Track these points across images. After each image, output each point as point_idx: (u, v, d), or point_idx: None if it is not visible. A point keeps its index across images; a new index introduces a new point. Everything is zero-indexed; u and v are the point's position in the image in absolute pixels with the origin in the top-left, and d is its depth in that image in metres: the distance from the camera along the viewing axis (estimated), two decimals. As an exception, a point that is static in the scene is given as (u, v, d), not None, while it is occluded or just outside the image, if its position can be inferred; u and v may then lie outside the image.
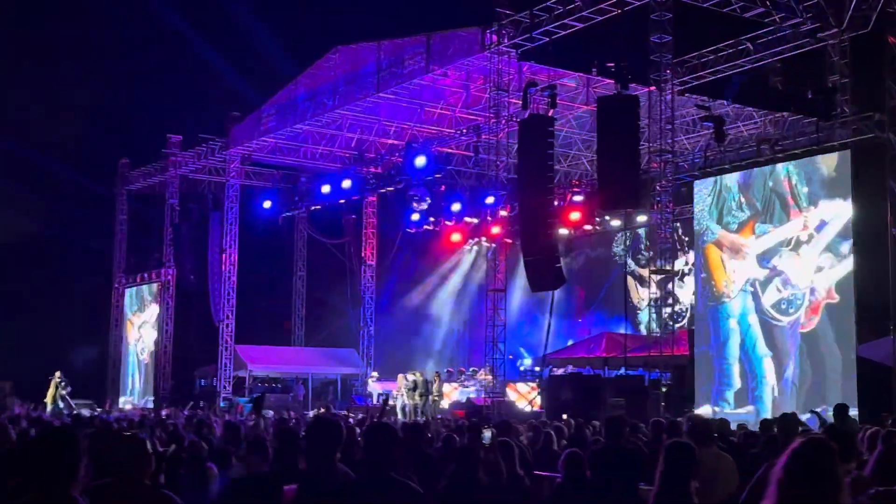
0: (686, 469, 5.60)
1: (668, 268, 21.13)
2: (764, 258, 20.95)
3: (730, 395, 21.15)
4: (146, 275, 36.29)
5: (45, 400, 27.93)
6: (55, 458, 3.57)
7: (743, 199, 21.41)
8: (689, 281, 27.40)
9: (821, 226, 19.95)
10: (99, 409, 25.09)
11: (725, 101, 24.55)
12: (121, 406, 33.76)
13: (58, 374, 27.74)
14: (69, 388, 27.84)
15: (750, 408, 20.55)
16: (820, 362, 19.73)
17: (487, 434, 9.34)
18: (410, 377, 27.05)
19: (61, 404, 25.26)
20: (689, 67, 23.31)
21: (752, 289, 21.06)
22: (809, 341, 19.92)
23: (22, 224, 35.40)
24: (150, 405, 31.80)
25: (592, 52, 23.11)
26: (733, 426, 13.95)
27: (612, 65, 21.48)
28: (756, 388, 20.73)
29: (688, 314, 28.60)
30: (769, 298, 20.72)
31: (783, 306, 20.51)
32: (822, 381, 19.60)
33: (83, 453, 3.63)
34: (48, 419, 16.65)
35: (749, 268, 21.23)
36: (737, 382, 21.12)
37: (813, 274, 19.98)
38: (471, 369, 30.56)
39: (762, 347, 20.77)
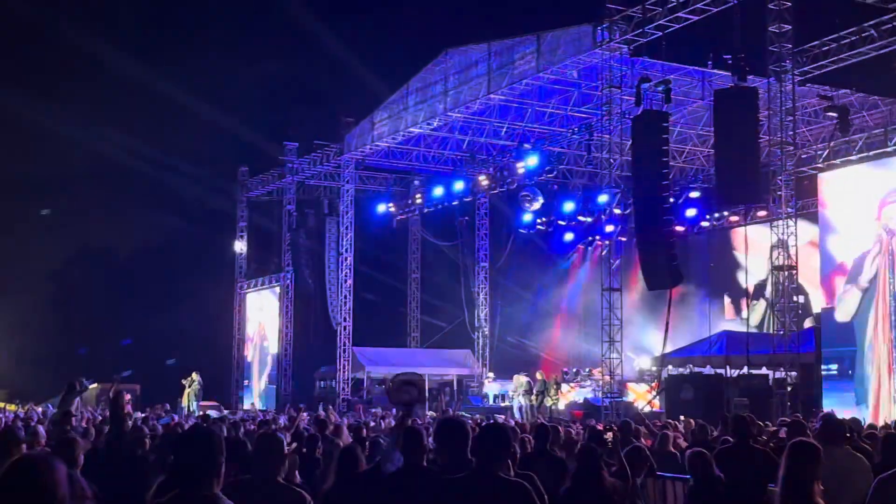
0: (809, 470, 5.37)
1: (791, 263, 20.46)
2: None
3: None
4: (266, 279, 37.23)
5: (180, 399, 29.17)
6: (200, 457, 3.69)
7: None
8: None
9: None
10: (226, 411, 25.86)
11: (849, 90, 23.70)
12: (245, 408, 34.71)
13: (194, 374, 28.90)
14: (200, 389, 28.97)
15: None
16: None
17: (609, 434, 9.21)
18: (524, 378, 27.00)
19: (193, 405, 26.28)
20: (810, 56, 22.56)
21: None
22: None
23: (150, 232, 36.89)
24: (272, 407, 32.57)
25: (707, 45, 22.65)
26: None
27: (729, 57, 20.96)
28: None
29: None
30: None
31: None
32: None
33: (223, 452, 3.74)
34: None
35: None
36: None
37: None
38: (587, 369, 30.28)
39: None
